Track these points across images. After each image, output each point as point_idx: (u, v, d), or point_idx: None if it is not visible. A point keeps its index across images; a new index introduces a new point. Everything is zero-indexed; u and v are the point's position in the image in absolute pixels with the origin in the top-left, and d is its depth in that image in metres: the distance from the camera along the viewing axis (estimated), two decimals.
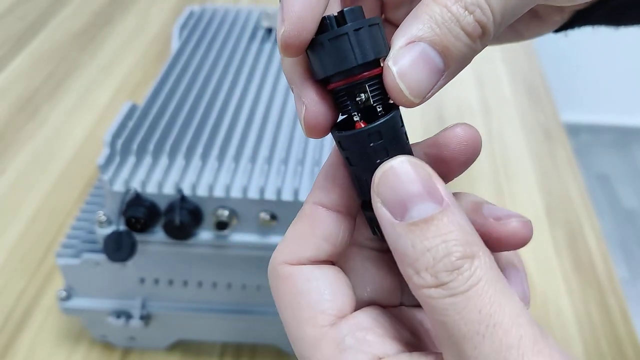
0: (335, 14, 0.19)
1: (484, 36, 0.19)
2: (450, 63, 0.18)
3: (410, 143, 0.21)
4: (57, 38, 0.89)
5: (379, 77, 0.19)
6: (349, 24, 0.18)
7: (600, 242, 0.60)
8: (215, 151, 0.41)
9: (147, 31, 0.92)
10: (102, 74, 0.82)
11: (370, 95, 0.19)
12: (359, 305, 0.21)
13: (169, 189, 0.38)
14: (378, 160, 0.19)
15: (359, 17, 0.19)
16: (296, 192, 0.38)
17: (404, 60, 0.18)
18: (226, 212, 0.39)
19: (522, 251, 0.62)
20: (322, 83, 0.20)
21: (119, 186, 0.38)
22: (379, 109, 0.19)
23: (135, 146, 0.40)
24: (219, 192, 0.38)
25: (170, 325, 0.46)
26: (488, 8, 0.18)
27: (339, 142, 0.20)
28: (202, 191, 0.38)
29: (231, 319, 0.46)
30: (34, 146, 0.70)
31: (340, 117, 0.21)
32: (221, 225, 0.39)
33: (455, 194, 0.22)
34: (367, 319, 0.20)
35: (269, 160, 0.41)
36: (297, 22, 0.18)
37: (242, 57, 0.50)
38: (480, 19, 0.18)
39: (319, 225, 0.21)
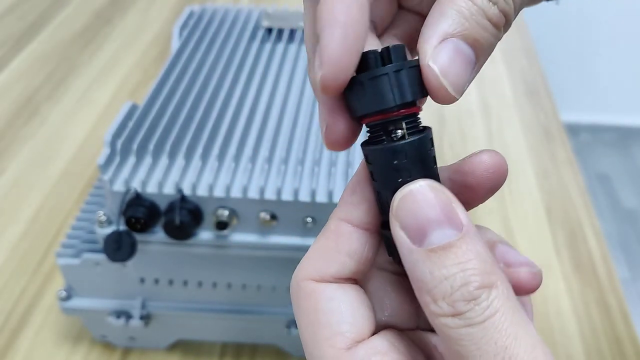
0: (379, 50, 0.19)
1: (507, 24, 0.19)
2: (480, 54, 0.19)
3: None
4: (57, 38, 0.89)
5: (416, 114, 0.20)
6: (390, 65, 0.19)
7: (600, 242, 0.60)
8: (215, 151, 0.41)
9: (147, 31, 0.92)
10: (102, 74, 0.82)
11: (405, 130, 0.19)
12: (377, 328, 0.21)
13: (169, 189, 0.38)
14: (400, 180, 0.19)
15: (401, 56, 0.19)
16: (296, 192, 0.38)
17: (442, 58, 0.18)
18: (226, 212, 0.39)
19: (522, 250, 0.62)
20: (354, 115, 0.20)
21: (119, 186, 0.38)
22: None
23: (135, 146, 0.40)
24: (219, 192, 0.38)
25: (170, 325, 0.46)
26: None
27: (366, 155, 0.20)
28: (202, 191, 0.38)
29: (231, 319, 0.46)
30: (34, 146, 0.70)
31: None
32: (221, 225, 0.39)
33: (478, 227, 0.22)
34: (383, 343, 0.20)
35: (269, 160, 0.41)
36: (336, 65, 0.17)
37: (242, 57, 0.50)
38: (504, 8, 0.19)
39: (343, 242, 0.21)
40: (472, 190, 0.21)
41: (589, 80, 1.92)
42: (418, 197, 0.18)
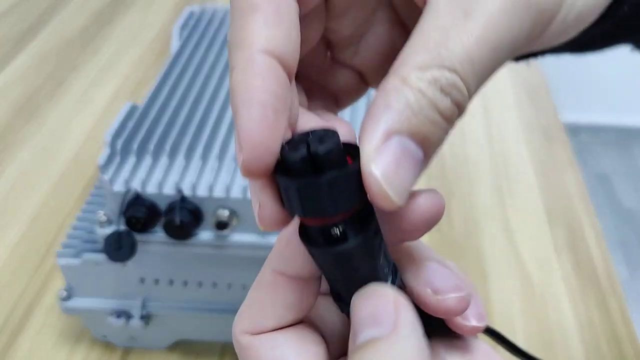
0: (306, 151, 0.16)
1: (459, 114, 0.17)
2: (429, 151, 0.17)
3: None
4: (57, 38, 0.89)
5: (355, 214, 0.17)
6: (323, 177, 0.15)
7: (600, 242, 0.60)
8: (215, 151, 0.41)
9: (147, 31, 0.92)
10: (102, 74, 0.82)
11: (345, 228, 0.17)
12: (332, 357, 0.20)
13: (169, 189, 0.38)
14: (345, 274, 0.18)
15: (335, 161, 0.16)
16: None
17: (386, 161, 0.15)
18: (226, 212, 0.39)
19: (522, 251, 0.62)
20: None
21: (119, 186, 0.38)
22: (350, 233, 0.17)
23: (135, 146, 0.40)
24: (219, 192, 0.38)
25: (171, 325, 0.47)
26: (464, 87, 0.16)
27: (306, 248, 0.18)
28: (202, 191, 0.38)
29: (231, 319, 0.45)
30: (34, 146, 0.70)
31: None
32: (221, 225, 0.39)
33: (407, 245, 0.21)
34: None
35: None
36: (257, 149, 0.15)
37: None
38: (458, 99, 0.16)
39: (280, 295, 0.19)
40: (409, 234, 0.19)
41: (589, 80, 1.92)
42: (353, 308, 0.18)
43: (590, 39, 0.23)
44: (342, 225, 0.17)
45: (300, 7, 0.17)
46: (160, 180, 0.38)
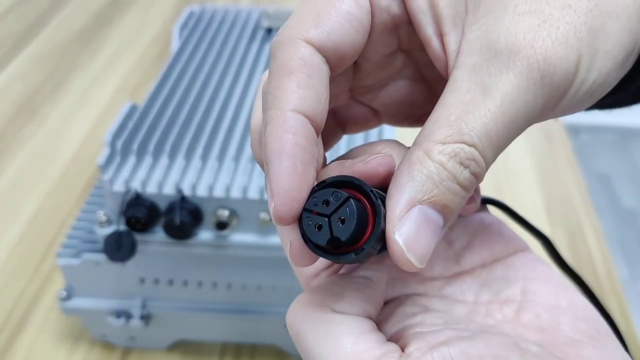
0: (330, 236, 0.18)
1: (477, 183, 0.18)
2: (448, 218, 0.18)
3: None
4: (57, 38, 0.89)
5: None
6: (352, 254, 0.18)
7: (600, 242, 0.60)
8: (215, 151, 0.41)
9: (147, 31, 0.92)
10: (102, 74, 0.82)
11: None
12: None
13: (169, 189, 0.38)
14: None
15: (354, 237, 0.18)
16: None
17: (408, 230, 0.17)
18: (226, 212, 0.39)
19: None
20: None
21: (119, 186, 0.38)
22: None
23: (135, 146, 0.40)
24: (219, 192, 0.38)
25: (170, 325, 0.47)
26: (482, 160, 0.18)
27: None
28: (202, 191, 0.38)
29: (231, 319, 0.46)
30: (34, 146, 0.70)
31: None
32: (221, 225, 0.39)
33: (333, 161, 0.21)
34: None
35: None
36: (286, 198, 0.17)
37: (242, 57, 0.50)
38: (476, 171, 0.18)
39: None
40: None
41: None
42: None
43: (615, 102, 0.24)
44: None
45: (331, 71, 0.19)
46: (160, 180, 0.38)
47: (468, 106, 0.17)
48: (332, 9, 0.19)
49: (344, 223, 0.17)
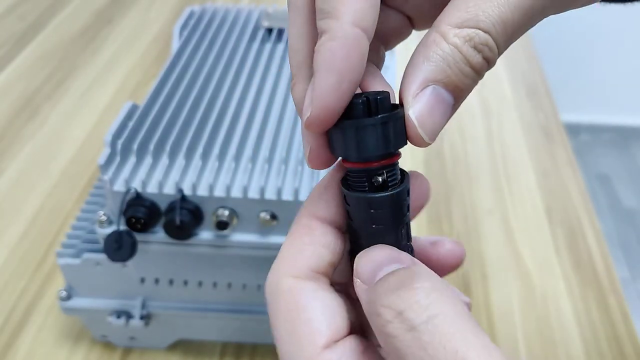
0: (366, 98, 0.19)
1: (488, 67, 0.19)
2: (459, 98, 0.19)
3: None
4: (57, 38, 0.89)
5: (396, 163, 0.20)
6: (377, 117, 0.19)
7: (600, 242, 0.60)
8: (215, 151, 0.41)
9: (147, 31, 0.92)
10: (102, 74, 0.82)
11: (386, 178, 0.20)
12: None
13: (169, 189, 0.38)
14: (374, 225, 0.20)
15: (387, 107, 0.19)
16: (296, 192, 0.38)
17: (422, 107, 0.19)
18: (226, 212, 0.39)
19: (522, 251, 0.62)
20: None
21: (119, 186, 0.38)
22: (390, 184, 0.20)
23: (135, 146, 0.40)
24: (219, 192, 0.38)
25: (171, 325, 0.47)
26: (495, 46, 0.18)
27: (344, 196, 0.21)
28: (202, 191, 0.38)
29: (231, 319, 0.46)
30: (34, 146, 0.70)
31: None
32: (221, 225, 0.39)
33: None
34: (358, 343, 0.20)
35: (269, 160, 0.41)
36: (326, 110, 0.18)
37: (243, 57, 0.50)
38: (488, 56, 0.19)
39: (318, 235, 0.21)
40: (431, 265, 0.23)
41: (589, 80, 1.92)
42: (372, 256, 0.20)
43: None
44: (383, 175, 0.20)
45: None
46: (161, 180, 0.38)
47: None
48: None
49: (378, 94, 0.19)
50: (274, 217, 0.39)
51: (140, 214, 0.38)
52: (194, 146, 0.41)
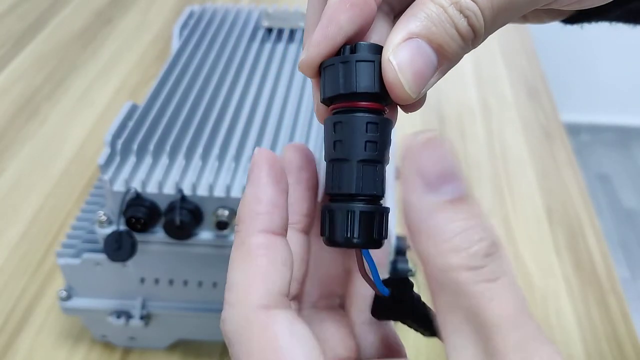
0: (352, 45, 0.20)
1: (475, 39, 0.20)
2: (443, 61, 0.19)
3: None
4: (57, 38, 0.89)
5: (375, 110, 0.20)
6: (353, 54, 0.20)
7: (600, 242, 0.60)
8: (215, 151, 0.41)
9: (147, 31, 0.92)
10: (102, 73, 0.82)
11: (366, 107, 0.20)
12: None
13: (169, 189, 0.38)
14: (366, 151, 0.20)
15: (371, 51, 0.20)
16: None
17: (403, 55, 0.19)
18: (226, 212, 0.39)
19: (522, 251, 0.62)
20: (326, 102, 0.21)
21: (119, 186, 0.38)
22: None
23: (135, 146, 0.40)
24: (219, 192, 0.38)
25: (171, 325, 0.46)
26: (481, 15, 0.19)
27: (334, 124, 0.21)
28: (202, 191, 0.38)
29: None
30: (34, 146, 0.70)
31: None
32: (221, 225, 0.39)
33: None
34: None
35: None
36: (313, 53, 0.20)
37: (243, 57, 0.50)
38: (474, 23, 0.19)
39: (273, 252, 0.20)
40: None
41: (589, 80, 1.92)
42: (443, 146, 0.18)
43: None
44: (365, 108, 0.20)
45: None
46: (161, 180, 0.38)
47: None
48: None
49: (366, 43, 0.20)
50: None
51: (140, 214, 0.38)
52: (193, 146, 0.41)
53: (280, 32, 0.54)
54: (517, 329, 0.16)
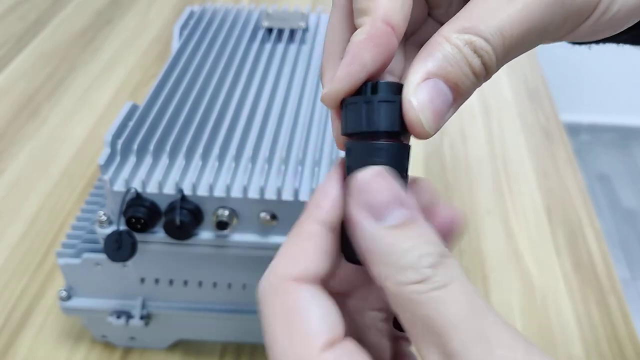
0: (375, 82, 0.21)
1: (487, 75, 0.21)
2: (458, 97, 0.21)
3: None
4: (57, 38, 0.89)
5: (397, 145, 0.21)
6: (376, 95, 0.21)
7: (600, 242, 0.60)
8: (215, 151, 0.41)
9: (147, 31, 0.92)
10: (102, 73, 0.82)
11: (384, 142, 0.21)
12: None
13: (169, 189, 0.38)
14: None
15: (392, 91, 0.21)
16: (296, 192, 0.38)
17: (422, 95, 0.20)
18: (226, 212, 0.39)
19: (522, 251, 0.62)
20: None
21: (119, 186, 0.38)
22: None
23: (135, 146, 0.40)
24: (219, 192, 0.38)
25: (171, 325, 0.47)
26: (494, 54, 0.20)
27: (348, 149, 0.22)
28: (202, 191, 0.38)
29: (231, 319, 0.46)
30: (34, 146, 0.70)
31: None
32: (221, 225, 0.39)
33: None
34: (355, 345, 0.20)
35: (269, 160, 0.41)
36: (336, 89, 0.21)
37: (243, 57, 0.50)
38: (487, 62, 0.20)
39: (319, 240, 0.21)
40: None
41: (589, 80, 1.92)
42: (378, 179, 0.20)
43: None
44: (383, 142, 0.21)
45: None
46: (161, 180, 0.38)
47: (492, 9, 0.20)
48: None
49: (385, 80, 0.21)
50: (274, 217, 0.39)
51: (140, 214, 0.38)
52: (194, 146, 0.41)
53: (280, 32, 0.54)
54: (474, 324, 0.17)
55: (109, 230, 0.39)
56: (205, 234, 0.40)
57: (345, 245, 0.22)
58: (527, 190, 0.66)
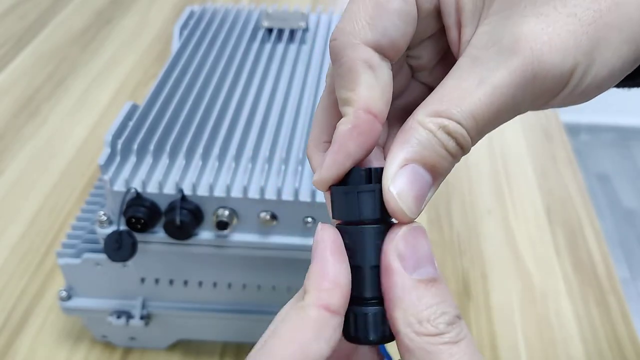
0: (367, 170, 0.22)
1: (463, 153, 0.21)
2: (437, 177, 0.21)
3: None
4: (57, 38, 0.89)
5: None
6: (357, 185, 0.21)
7: (600, 242, 0.60)
8: (215, 151, 0.41)
9: (147, 31, 0.92)
10: (102, 74, 0.82)
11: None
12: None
13: (169, 189, 0.38)
14: (370, 258, 0.21)
15: (373, 179, 0.21)
16: (296, 192, 0.38)
17: (401, 182, 0.20)
18: (226, 212, 0.39)
19: (522, 251, 0.62)
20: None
21: (119, 186, 0.38)
22: None
23: (135, 146, 0.40)
24: (219, 192, 0.38)
25: (171, 325, 0.47)
26: (467, 135, 0.21)
27: (339, 229, 0.22)
28: (202, 191, 0.38)
29: (231, 319, 0.46)
30: (34, 146, 0.70)
31: None
32: (222, 225, 0.39)
33: None
34: None
35: (269, 160, 0.41)
36: (326, 177, 0.22)
37: (243, 57, 0.50)
38: (461, 143, 0.21)
39: (325, 332, 0.21)
40: None
41: None
42: (420, 236, 0.21)
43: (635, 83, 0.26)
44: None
45: (390, 61, 0.22)
46: (161, 180, 0.38)
47: (463, 92, 0.20)
48: (383, 9, 0.21)
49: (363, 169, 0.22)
50: (274, 217, 0.39)
51: (140, 214, 0.38)
52: (194, 146, 0.41)
53: (280, 32, 0.54)
54: None
55: (109, 230, 0.39)
56: (205, 234, 0.40)
57: (347, 325, 0.22)
58: (527, 190, 0.66)
